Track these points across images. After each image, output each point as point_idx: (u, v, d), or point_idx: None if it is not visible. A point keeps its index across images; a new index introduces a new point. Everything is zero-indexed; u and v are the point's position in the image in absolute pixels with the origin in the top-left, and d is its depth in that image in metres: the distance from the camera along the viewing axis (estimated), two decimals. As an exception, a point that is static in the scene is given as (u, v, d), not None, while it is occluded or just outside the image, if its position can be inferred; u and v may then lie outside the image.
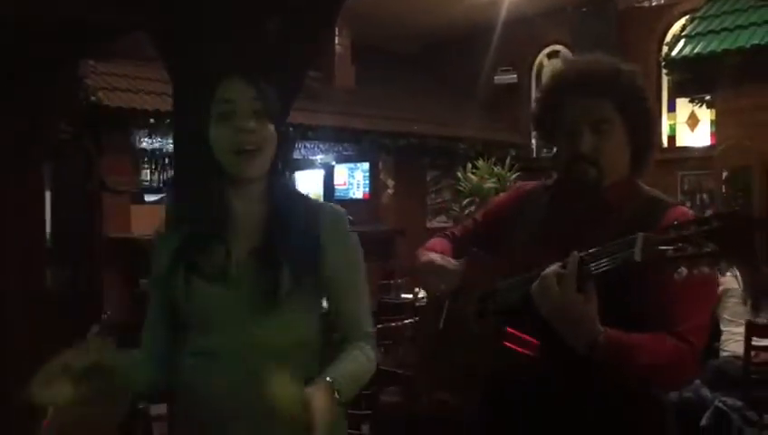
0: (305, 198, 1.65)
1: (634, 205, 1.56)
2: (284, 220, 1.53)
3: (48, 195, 6.06)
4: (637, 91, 1.59)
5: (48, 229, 5.99)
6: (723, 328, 4.30)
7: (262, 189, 1.56)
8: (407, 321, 4.60)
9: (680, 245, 1.20)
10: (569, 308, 1.36)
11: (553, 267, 1.38)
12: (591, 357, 1.39)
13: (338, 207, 1.65)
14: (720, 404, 3.69)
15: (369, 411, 3.52)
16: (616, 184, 1.58)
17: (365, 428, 3.61)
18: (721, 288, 4.33)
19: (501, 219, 1.79)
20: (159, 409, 3.19)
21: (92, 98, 6.90)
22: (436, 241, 1.89)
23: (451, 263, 1.72)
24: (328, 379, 1.41)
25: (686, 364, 1.46)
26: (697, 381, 3.89)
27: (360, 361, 1.53)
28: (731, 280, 4.31)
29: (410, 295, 6.48)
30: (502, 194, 1.95)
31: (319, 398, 1.32)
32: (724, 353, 4.23)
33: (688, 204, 8.39)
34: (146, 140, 7.85)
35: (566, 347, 1.45)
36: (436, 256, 1.75)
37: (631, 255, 1.27)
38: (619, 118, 1.55)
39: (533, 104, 1.69)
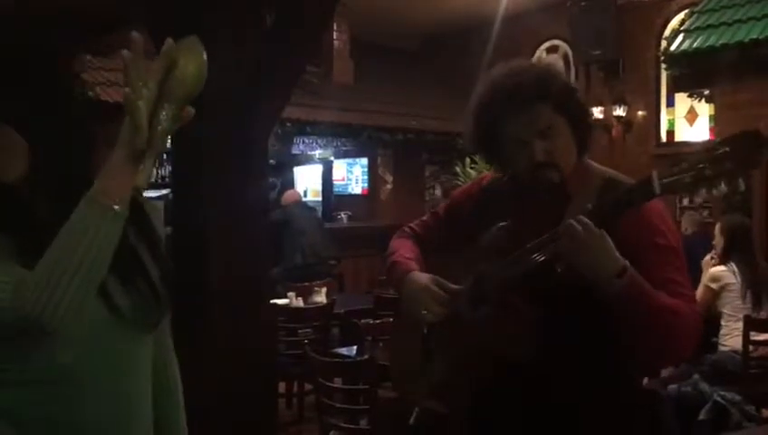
0: None
1: (598, 186, 1.60)
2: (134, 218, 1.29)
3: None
4: (566, 86, 1.64)
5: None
6: (723, 323, 4.29)
7: None
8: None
9: (699, 166, 1.29)
10: (597, 242, 1.40)
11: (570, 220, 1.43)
12: (621, 293, 1.41)
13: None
14: (719, 398, 3.69)
15: (368, 406, 3.52)
16: (573, 172, 1.62)
17: (363, 422, 3.61)
18: (720, 283, 4.32)
19: (466, 212, 1.80)
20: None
21: (90, 93, 6.88)
22: (403, 244, 1.87)
23: (442, 293, 1.68)
24: None
25: (694, 317, 1.50)
26: (696, 376, 3.89)
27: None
28: (729, 274, 4.30)
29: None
30: (462, 187, 1.97)
31: None
32: (723, 349, 4.23)
33: (686, 200, 8.40)
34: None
35: (566, 321, 1.48)
36: (425, 280, 1.71)
37: (651, 189, 1.35)
38: (559, 116, 1.59)
39: (468, 125, 1.69)
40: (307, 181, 11.74)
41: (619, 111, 9.92)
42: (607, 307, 1.43)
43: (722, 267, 4.32)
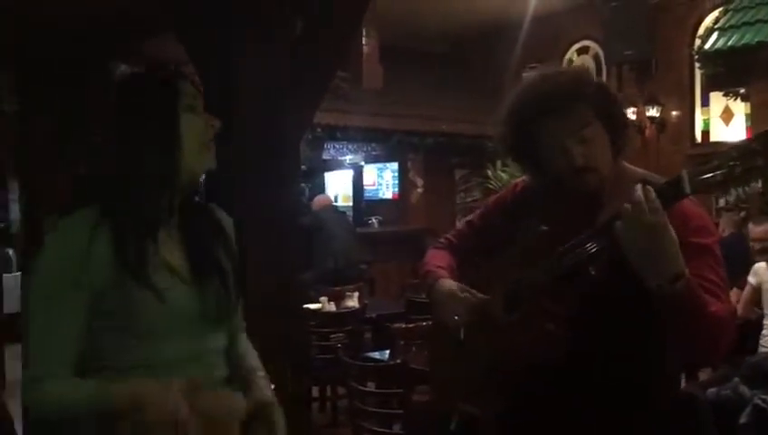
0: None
1: (632, 188, 1.55)
2: (215, 226, 1.55)
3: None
4: (602, 87, 1.62)
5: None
6: (765, 322, 4.23)
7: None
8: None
9: (730, 164, 1.25)
10: (662, 231, 1.33)
11: (639, 191, 1.35)
12: (672, 299, 1.35)
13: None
14: (759, 401, 3.61)
15: (401, 410, 3.50)
16: (609, 174, 1.58)
17: (396, 426, 3.60)
18: (757, 279, 4.27)
19: (500, 219, 1.80)
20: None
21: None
22: (437, 254, 1.88)
23: (470, 297, 1.69)
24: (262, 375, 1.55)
25: (730, 318, 1.46)
26: (736, 379, 3.82)
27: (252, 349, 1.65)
28: (766, 272, 4.24)
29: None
30: (496, 194, 1.95)
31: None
32: (763, 350, 4.15)
33: (722, 200, 8.24)
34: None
35: (608, 323, 1.45)
36: (453, 287, 1.72)
37: (682, 189, 1.30)
38: (597, 119, 1.57)
39: (501, 130, 1.67)
40: (338, 187, 11.78)
41: (653, 112, 9.79)
42: (643, 310, 1.40)
43: (763, 264, 4.28)
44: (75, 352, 1.36)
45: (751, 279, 4.29)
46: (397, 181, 10.87)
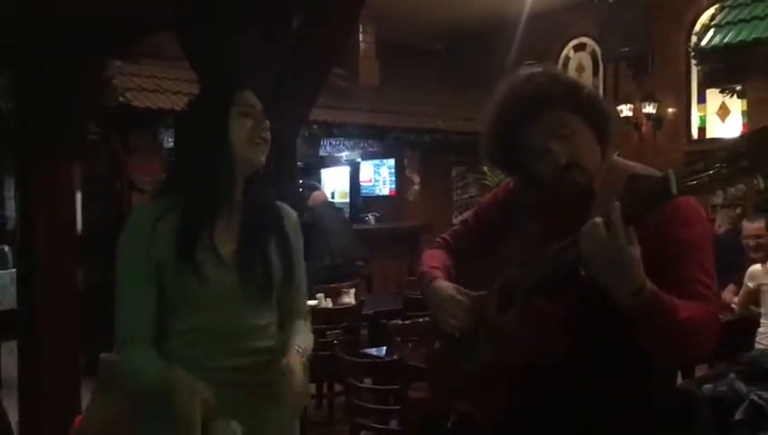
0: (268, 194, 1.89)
1: (623, 183, 1.53)
2: (270, 217, 1.81)
3: (79, 195, 6.13)
4: (573, 84, 1.61)
5: (78, 229, 6.04)
6: (762, 321, 4.24)
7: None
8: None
9: (716, 165, 1.23)
10: (619, 251, 1.33)
11: (598, 218, 1.37)
12: (636, 310, 1.36)
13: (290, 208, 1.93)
14: (755, 398, 3.62)
15: (398, 407, 3.52)
16: (598, 171, 1.58)
17: (393, 423, 3.61)
18: (755, 282, 4.27)
19: (494, 217, 1.80)
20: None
21: (120, 99, 6.96)
22: (433, 255, 1.89)
23: (466, 302, 1.70)
24: (298, 349, 1.74)
25: (713, 320, 1.46)
26: (732, 375, 3.83)
27: (309, 333, 1.89)
28: (763, 274, 4.24)
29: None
30: (491, 193, 1.96)
31: (296, 364, 1.69)
32: (759, 346, 4.17)
33: (719, 199, 8.27)
34: (172, 139, 7.93)
35: (600, 321, 1.45)
36: (450, 290, 1.73)
37: (668, 190, 1.28)
38: (574, 116, 1.57)
39: (485, 146, 1.69)
40: (334, 183, 11.78)
41: (649, 108, 9.80)
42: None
43: (758, 266, 4.28)
44: (151, 316, 1.67)
45: (748, 283, 4.29)
46: (393, 178, 10.86)
